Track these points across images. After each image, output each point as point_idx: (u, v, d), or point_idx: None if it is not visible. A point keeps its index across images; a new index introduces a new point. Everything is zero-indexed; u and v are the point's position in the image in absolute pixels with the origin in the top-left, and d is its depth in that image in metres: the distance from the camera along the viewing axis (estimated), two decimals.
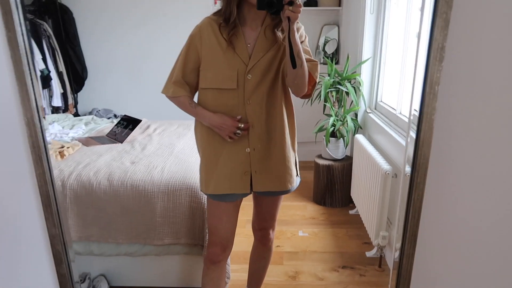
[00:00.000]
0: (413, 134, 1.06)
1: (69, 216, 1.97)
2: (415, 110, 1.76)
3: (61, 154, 2.20)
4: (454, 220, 0.90)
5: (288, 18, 1.21)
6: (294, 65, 1.27)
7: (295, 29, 1.26)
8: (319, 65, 1.42)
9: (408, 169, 2.14)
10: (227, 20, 1.35)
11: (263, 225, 1.71)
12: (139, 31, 3.98)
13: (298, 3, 1.20)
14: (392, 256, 2.05)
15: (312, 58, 1.41)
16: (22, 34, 0.95)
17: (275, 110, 1.44)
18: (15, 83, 0.97)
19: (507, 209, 0.80)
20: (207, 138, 1.47)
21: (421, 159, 0.88)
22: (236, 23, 1.36)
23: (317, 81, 1.44)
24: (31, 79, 0.99)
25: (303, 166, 3.61)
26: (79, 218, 1.98)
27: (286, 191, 1.55)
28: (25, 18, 0.97)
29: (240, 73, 1.38)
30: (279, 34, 1.38)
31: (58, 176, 2.00)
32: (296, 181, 1.57)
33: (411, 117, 1.82)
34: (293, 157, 1.54)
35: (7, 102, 1.00)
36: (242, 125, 1.41)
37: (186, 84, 1.45)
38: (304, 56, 1.32)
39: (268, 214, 1.68)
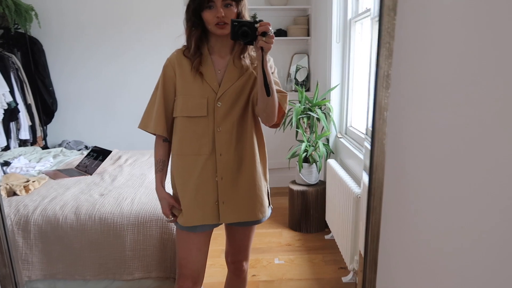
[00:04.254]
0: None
1: (33, 254, 1.89)
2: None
3: (26, 189, 2.12)
4: (413, 241, 0.92)
5: (262, 48, 1.24)
6: (268, 93, 1.28)
7: (268, 61, 1.29)
8: (287, 96, 1.44)
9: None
10: (190, 53, 1.39)
11: (237, 257, 1.67)
12: (110, 62, 3.98)
13: (271, 34, 1.23)
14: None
15: (282, 90, 1.42)
16: None
17: (245, 138, 1.44)
18: None
19: (463, 227, 0.83)
20: (177, 167, 1.46)
21: (375, 183, 0.90)
22: (202, 53, 1.39)
23: (286, 112, 1.46)
24: None
25: (278, 192, 3.63)
26: (44, 255, 1.90)
27: (257, 221, 1.52)
28: None
29: (210, 101, 1.38)
30: (246, 61, 1.41)
31: (22, 211, 1.92)
32: (267, 211, 1.54)
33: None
34: (264, 186, 1.52)
35: None
36: (172, 218, 1.48)
37: (165, 122, 1.44)
38: (274, 87, 1.34)
39: (240, 246, 1.64)
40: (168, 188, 1.51)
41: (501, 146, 0.93)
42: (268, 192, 1.55)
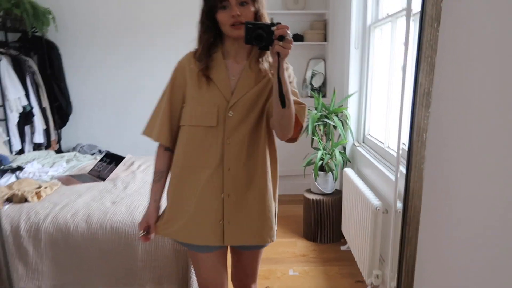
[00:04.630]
0: (403, 169, 1.00)
1: (43, 263, 1.86)
2: (403, 144, 1.73)
3: (38, 195, 2.09)
4: (453, 278, 0.79)
5: (278, 54, 1.11)
6: (283, 104, 1.15)
7: (285, 66, 1.17)
8: (306, 108, 1.31)
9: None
10: (200, 58, 1.29)
11: (243, 282, 1.54)
12: (125, 66, 3.97)
13: (289, 38, 1.11)
14: None
15: (300, 101, 1.29)
16: None
17: (257, 152, 1.30)
18: None
19: (505, 247, 0.70)
20: (178, 180, 1.34)
21: (411, 211, 0.81)
22: (212, 57, 1.29)
23: (304, 126, 1.33)
24: None
25: (292, 200, 3.55)
26: (54, 264, 1.86)
27: (264, 245, 1.40)
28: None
29: (221, 110, 1.26)
30: (265, 65, 1.29)
31: (33, 219, 1.89)
32: (275, 234, 1.40)
33: (400, 152, 1.78)
34: (274, 207, 1.38)
35: None
36: (142, 234, 1.39)
37: (169, 130, 1.33)
38: (292, 98, 1.22)
39: (247, 270, 1.51)
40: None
41: None
42: (275, 213, 1.42)
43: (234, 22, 1.20)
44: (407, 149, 0.81)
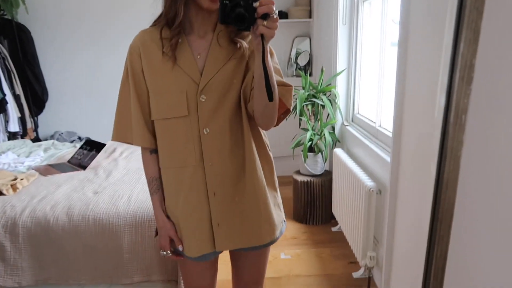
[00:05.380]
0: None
1: (22, 258, 1.75)
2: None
3: (14, 187, 1.97)
4: (484, 282, 0.69)
5: (262, 36, 0.93)
6: (270, 98, 0.97)
7: (269, 49, 0.98)
8: (292, 89, 1.11)
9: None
10: (171, 23, 1.05)
11: None
12: (103, 51, 3.79)
13: (274, 16, 0.92)
14: (382, 278, 1.92)
15: (284, 81, 1.10)
16: None
17: (242, 140, 1.12)
18: None
19: None
20: (164, 184, 1.19)
21: (444, 206, 0.70)
22: (180, 30, 1.06)
23: (291, 109, 1.14)
24: None
25: (281, 182, 3.47)
26: (35, 260, 1.75)
27: (265, 245, 1.21)
28: None
29: (191, 95, 1.07)
30: (243, 42, 1.09)
31: (10, 213, 1.77)
32: (279, 229, 1.22)
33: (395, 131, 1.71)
34: (273, 198, 1.21)
35: None
36: (169, 254, 1.20)
37: (148, 129, 1.14)
38: (275, 78, 1.04)
39: (249, 277, 1.31)
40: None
41: None
42: (279, 203, 1.26)
43: None
44: (440, 132, 0.69)
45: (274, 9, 0.91)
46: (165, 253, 1.21)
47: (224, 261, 1.39)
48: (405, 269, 1.66)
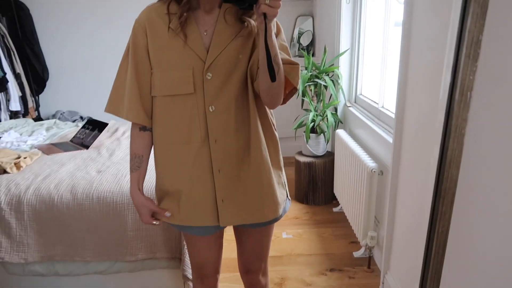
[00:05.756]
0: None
1: (28, 235, 1.77)
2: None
3: (17, 166, 1.97)
4: (487, 259, 0.71)
5: (264, 15, 0.93)
6: (273, 78, 0.98)
7: (272, 27, 0.97)
8: (299, 68, 1.11)
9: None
10: (182, 8, 1.05)
11: (249, 268, 1.37)
12: (104, 28, 3.74)
13: None
14: (382, 257, 1.96)
15: (291, 59, 1.10)
16: None
17: (247, 118, 1.13)
18: None
19: None
20: (164, 159, 1.18)
21: (447, 183, 0.71)
22: (190, 6, 1.06)
23: (298, 88, 1.14)
24: None
25: (284, 162, 3.50)
26: (40, 237, 1.78)
27: (269, 221, 1.22)
28: None
29: (197, 72, 1.07)
30: (250, 20, 1.09)
31: (14, 191, 1.78)
32: (282, 207, 1.24)
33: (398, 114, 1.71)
34: (277, 177, 1.22)
35: None
36: (156, 223, 1.22)
37: (141, 105, 1.14)
38: (281, 56, 1.04)
39: (253, 254, 1.33)
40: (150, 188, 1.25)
41: None
42: (284, 182, 1.27)
43: None
44: (445, 110, 0.69)
45: None
46: (152, 224, 1.23)
47: (231, 240, 1.40)
48: (405, 248, 1.69)
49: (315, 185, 2.94)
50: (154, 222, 1.23)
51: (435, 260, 0.75)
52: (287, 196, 1.29)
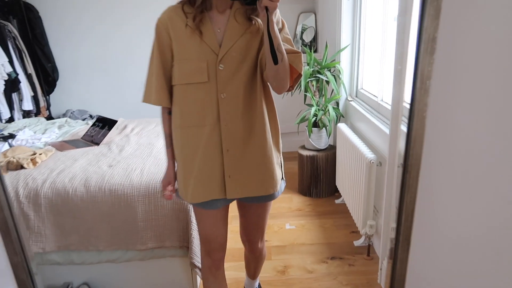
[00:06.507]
0: (404, 128, 1.00)
1: (46, 226, 1.88)
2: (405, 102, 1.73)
3: (33, 162, 2.09)
4: (448, 223, 0.83)
5: (266, 8, 1.09)
6: (275, 61, 1.14)
7: (274, 19, 1.14)
8: (302, 56, 1.28)
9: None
10: (193, 1, 1.23)
11: (249, 237, 1.60)
12: (110, 26, 3.84)
13: None
14: (380, 244, 2.04)
15: (294, 49, 1.27)
16: None
17: (254, 105, 1.30)
18: None
19: (506, 212, 0.69)
20: (180, 141, 1.36)
21: (412, 159, 0.82)
22: (203, 7, 1.24)
23: (302, 74, 1.32)
24: None
25: (287, 157, 3.58)
26: (57, 227, 1.89)
27: (269, 197, 1.42)
28: None
29: (211, 64, 1.24)
30: (258, 19, 1.25)
31: (31, 185, 1.90)
32: (279, 185, 1.43)
33: (401, 110, 1.78)
34: (277, 158, 1.41)
35: None
36: (166, 193, 1.46)
37: (168, 92, 1.33)
38: (284, 47, 1.20)
39: (253, 225, 1.55)
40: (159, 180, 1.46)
41: None
42: (281, 164, 1.45)
43: None
44: (410, 97, 0.81)
45: None
46: (164, 192, 1.46)
47: (235, 232, 1.52)
48: None
49: (318, 178, 3.03)
50: (165, 193, 1.46)
51: (405, 226, 0.86)
52: (282, 177, 1.46)
